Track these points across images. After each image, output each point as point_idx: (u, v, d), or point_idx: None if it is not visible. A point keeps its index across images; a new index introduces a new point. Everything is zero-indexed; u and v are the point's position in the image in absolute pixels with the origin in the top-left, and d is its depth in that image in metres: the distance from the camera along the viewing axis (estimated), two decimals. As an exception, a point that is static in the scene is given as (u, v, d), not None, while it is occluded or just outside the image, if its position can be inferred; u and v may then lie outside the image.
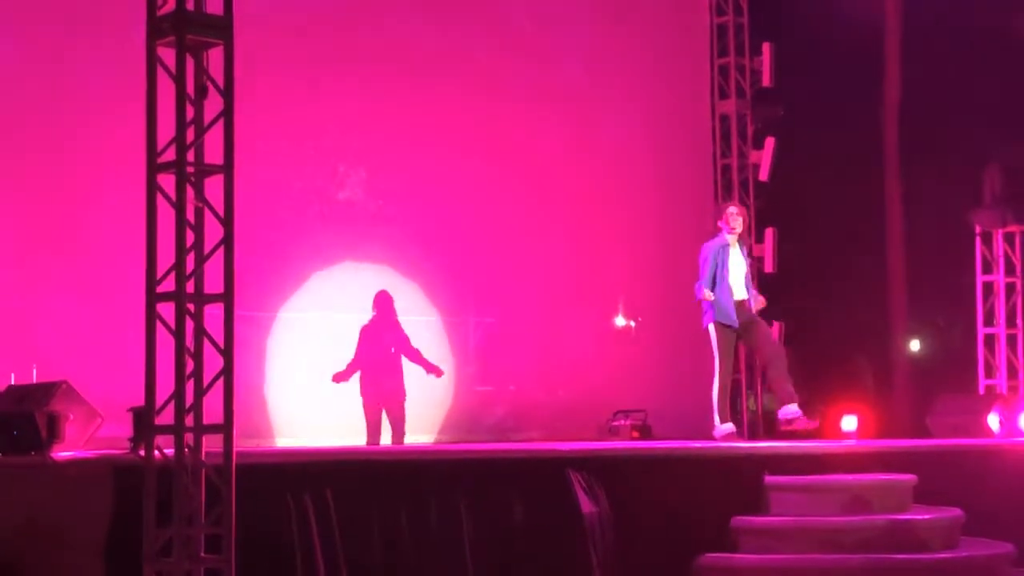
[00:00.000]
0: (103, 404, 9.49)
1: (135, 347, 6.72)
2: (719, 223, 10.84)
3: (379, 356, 11.69)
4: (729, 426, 10.55)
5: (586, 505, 7.89)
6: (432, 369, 11.73)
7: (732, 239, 10.73)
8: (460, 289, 13.82)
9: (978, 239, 15.50)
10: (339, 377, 11.61)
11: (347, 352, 11.87)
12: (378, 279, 12.98)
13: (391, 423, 11.68)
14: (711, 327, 10.67)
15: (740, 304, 10.59)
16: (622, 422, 13.37)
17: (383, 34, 13.47)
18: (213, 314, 6.61)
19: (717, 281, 10.54)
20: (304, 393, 12.43)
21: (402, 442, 11.60)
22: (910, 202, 20.23)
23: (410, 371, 11.93)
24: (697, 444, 10.05)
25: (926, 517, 8.53)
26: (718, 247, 10.69)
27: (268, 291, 12.45)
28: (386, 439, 11.79)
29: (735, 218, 10.79)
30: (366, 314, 12.03)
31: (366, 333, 11.73)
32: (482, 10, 14.25)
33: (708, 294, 10.51)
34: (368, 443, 11.49)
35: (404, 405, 11.69)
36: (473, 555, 7.50)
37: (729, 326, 10.52)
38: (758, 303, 10.78)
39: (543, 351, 14.19)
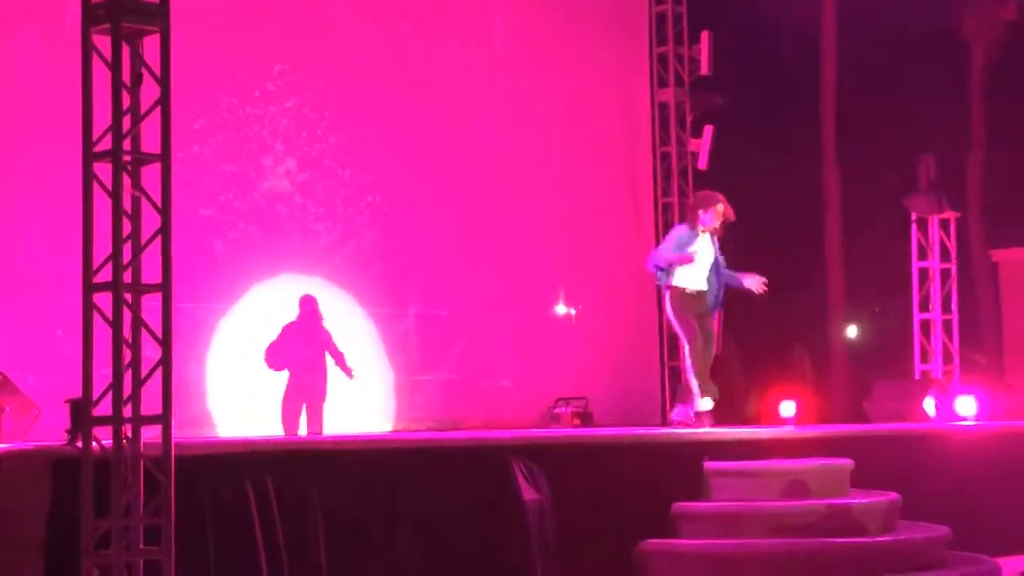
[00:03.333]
0: (40, 395, 9.43)
1: (72, 338, 6.66)
2: (702, 212, 10.22)
3: (304, 356, 11.73)
4: (708, 402, 10.08)
5: (527, 492, 7.90)
6: (346, 370, 11.79)
7: (700, 228, 10.19)
8: (400, 280, 13.81)
9: (914, 226, 15.66)
10: (269, 362, 11.67)
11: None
12: (317, 272, 12.98)
13: (309, 421, 11.69)
14: (668, 295, 10.11)
15: (700, 295, 10.27)
16: (563, 409, 13.43)
17: (310, 33, 13.41)
18: (152, 305, 6.56)
19: (687, 264, 10.10)
20: (244, 385, 12.39)
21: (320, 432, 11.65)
22: (847, 188, 20.41)
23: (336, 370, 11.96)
24: (638, 431, 10.09)
25: (864, 501, 8.61)
26: (685, 231, 10.31)
27: (208, 283, 12.37)
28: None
29: (719, 216, 10.20)
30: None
31: (288, 331, 11.75)
32: (413, 4, 14.19)
33: (664, 277, 10.06)
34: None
35: (322, 406, 11.73)
36: (414, 543, 7.49)
37: (687, 293, 10.09)
38: (750, 282, 10.35)
39: (484, 340, 14.22)
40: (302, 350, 11.73)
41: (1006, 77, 20.77)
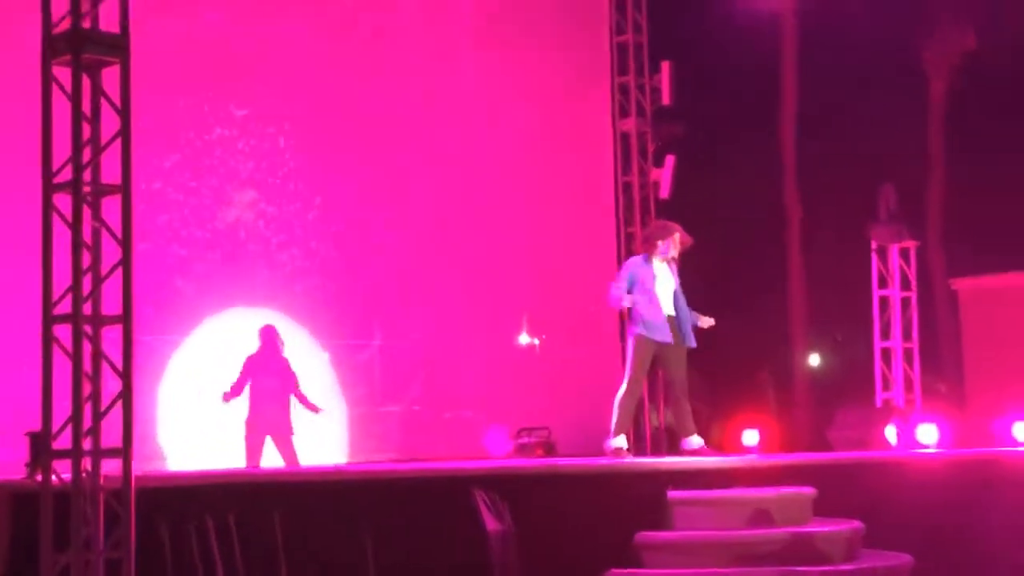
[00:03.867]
0: (-2, 428, 9.33)
1: (31, 370, 6.61)
2: (660, 242, 10.26)
3: (265, 388, 11.64)
4: (622, 440, 10.22)
5: (491, 523, 7.88)
6: (311, 407, 11.73)
7: (658, 258, 10.23)
8: (364, 312, 13.77)
9: (874, 254, 15.75)
10: (229, 396, 11.56)
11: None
12: (274, 303, 12.94)
13: (281, 455, 11.60)
14: (631, 339, 10.20)
15: (669, 320, 10.28)
16: (526, 439, 13.40)
17: (277, 58, 13.41)
18: (111, 337, 6.52)
19: (644, 297, 10.18)
20: (195, 418, 12.31)
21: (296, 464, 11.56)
22: (809, 218, 20.53)
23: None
24: (601, 461, 10.08)
25: (826, 529, 8.63)
26: (639, 262, 10.35)
27: (161, 315, 12.29)
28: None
29: (677, 245, 10.26)
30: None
31: (250, 364, 11.67)
32: (377, 28, 14.21)
33: (627, 298, 10.14)
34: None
35: (292, 440, 11.63)
36: (377, 575, 7.46)
37: (653, 340, 10.16)
38: (704, 321, 10.48)
39: (447, 371, 14.19)
40: (263, 381, 11.67)
41: (965, 107, 20.97)
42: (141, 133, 6.80)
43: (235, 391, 11.56)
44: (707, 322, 10.37)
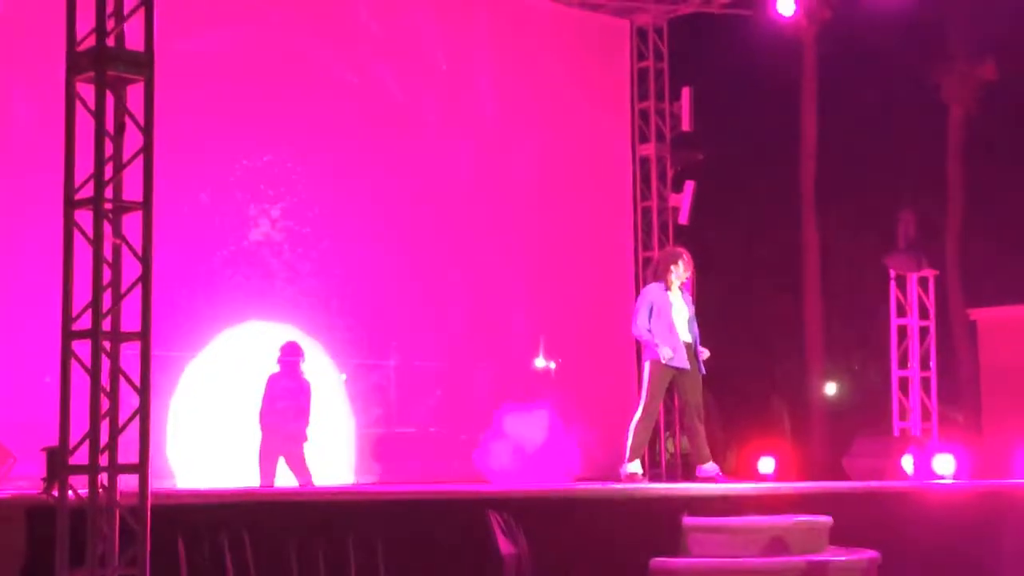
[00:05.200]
0: (16, 443, 9.36)
1: (49, 385, 6.63)
2: (673, 267, 10.34)
3: (282, 408, 11.63)
4: (637, 465, 10.27)
5: (505, 546, 7.86)
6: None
7: (674, 284, 10.32)
8: (380, 332, 13.78)
9: (892, 283, 15.71)
10: (263, 419, 11.56)
11: (250, 395, 11.81)
12: (292, 320, 12.95)
13: (293, 472, 11.57)
14: (648, 364, 10.24)
15: (685, 346, 10.33)
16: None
17: (300, 80, 13.46)
18: (129, 353, 6.53)
19: (663, 325, 10.25)
20: (205, 436, 12.32)
21: (310, 483, 11.54)
22: (827, 246, 20.50)
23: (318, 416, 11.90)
24: (616, 485, 10.05)
25: (842, 559, 8.59)
26: (657, 290, 10.43)
27: (175, 332, 12.32)
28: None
29: (688, 266, 10.36)
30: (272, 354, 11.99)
31: (272, 382, 11.67)
32: (399, 52, 14.25)
33: (647, 333, 10.22)
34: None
35: (303, 453, 11.60)
36: (391, 597, 7.44)
37: (670, 366, 10.22)
38: (702, 352, 10.50)
39: (463, 392, 14.18)
40: (281, 400, 11.66)
41: (985, 136, 20.95)
42: (165, 151, 6.82)
43: (264, 416, 11.55)
44: (704, 353, 10.42)
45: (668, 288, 10.32)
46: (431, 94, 14.40)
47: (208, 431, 12.27)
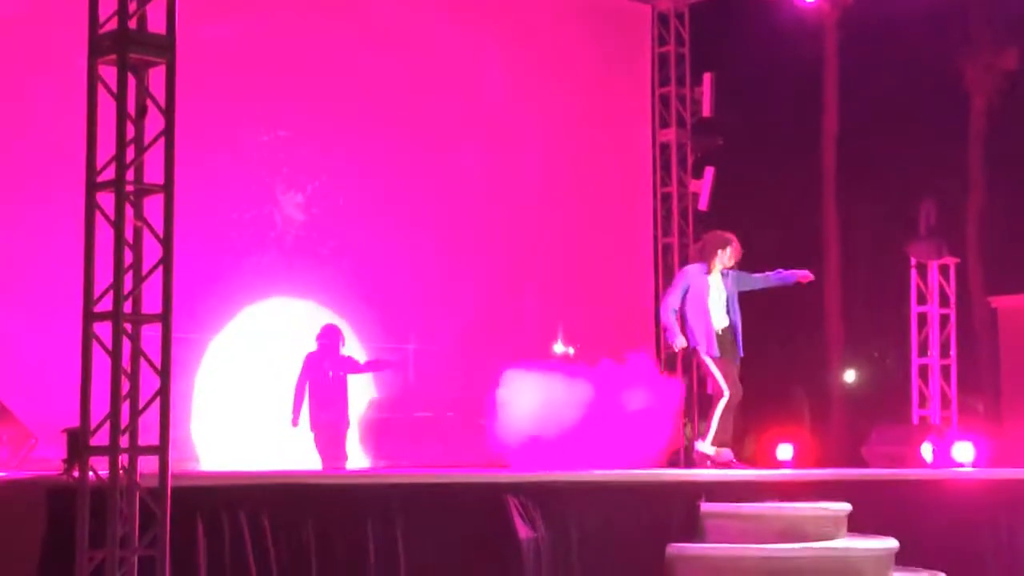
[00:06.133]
0: (37, 424, 9.40)
1: (70, 367, 6.65)
2: (720, 252, 10.28)
3: (323, 385, 11.65)
4: (710, 447, 10.19)
5: (523, 531, 7.87)
6: (382, 365, 11.73)
7: (716, 268, 10.27)
8: (401, 317, 13.80)
9: (913, 271, 15.67)
10: (295, 421, 11.59)
11: (277, 379, 11.82)
12: (316, 304, 12.97)
13: (331, 450, 11.62)
14: (705, 359, 10.21)
15: (722, 332, 10.25)
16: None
17: (322, 69, 13.47)
18: (149, 335, 6.55)
19: (697, 309, 10.20)
20: (230, 417, 12.37)
21: (343, 464, 11.59)
22: (847, 233, 20.45)
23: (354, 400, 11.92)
24: (634, 471, 10.06)
25: (861, 546, 8.58)
26: (697, 272, 10.42)
27: (198, 313, 12.36)
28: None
29: (737, 252, 10.32)
30: (303, 340, 12.00)
31: (309, 362, 11.66)
32: (418, 39, 14.25)
33: (670, 316, 10.22)
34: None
35: (345, 434, 11.65)
36: (409, 580, 7.47)
37: (704, 353, 10.19)
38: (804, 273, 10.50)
39: (482, 377, 14.17)
40: (318, 379, 11.65)
41: (1006, 125, 20.85)
42: (189, 132, 6.84)
43: (299, 393, 11.56)
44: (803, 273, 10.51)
45: (709, 271, 10.25)
46: (451, 82, 14.39)
47: (232, 410, 12.30)
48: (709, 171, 16.47)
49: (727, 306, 10.26)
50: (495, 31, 14.92)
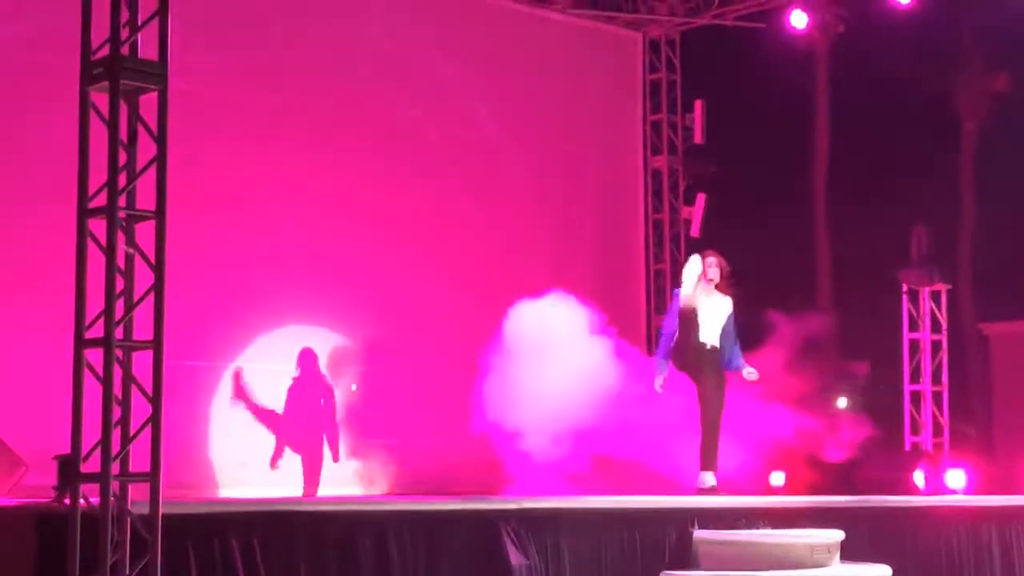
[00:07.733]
0: (28, 452, 9.36)
1: (61, 394, 6.63)
2: (694, 268, 10.32)
3: (308, 411, 11.65)
4: (709, 476, 10.12)
5: (515, 558, 7.85)
6: (335, 454, 11.71)
7: (697, 288, 10.25)
8: (405, 337, 13.80)
9: (904, 297, 15.69)
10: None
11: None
12: (320, 331, 12.98)
13: (305, 481, 11.60)
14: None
15: (711, 351, 10.22)
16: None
17: (317, 93, 13.50)
18: (144, 361, 6.54)
19: (680, 327, 10.20)
20: (247, 445, 12.36)
21: (314, 493, 11.58)
22: (838, 259, 20.46)
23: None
24: (627, 497, 10.04)
25: (854, 573, 8.57)
26: (679, 295, 10.36)
27: (215, 342, 12.38)
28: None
29: (712, 268, 10.30)
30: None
31: (293, 391, 11.69)
32: (406, 68, 14.28)
33: (658, 339, 10.28)
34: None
35: (319, 467, 11.64)
36: (401, 608, 7.44)
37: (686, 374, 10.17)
38: (749, 374, 10.33)
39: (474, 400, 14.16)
40: (303, 405, 11.66)
41: (997, 150, 20.89)
42: (186, 157, 6.84)
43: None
44: (751, 374, 10.32)
45: (691, 289, 10.21)
46: (443, 101, 14.41)
47: (250, 437, 12.31)
48: (700, 197, 16.51)
49: (723, 330, 10.25)
50: (485, 58, 14.95)
